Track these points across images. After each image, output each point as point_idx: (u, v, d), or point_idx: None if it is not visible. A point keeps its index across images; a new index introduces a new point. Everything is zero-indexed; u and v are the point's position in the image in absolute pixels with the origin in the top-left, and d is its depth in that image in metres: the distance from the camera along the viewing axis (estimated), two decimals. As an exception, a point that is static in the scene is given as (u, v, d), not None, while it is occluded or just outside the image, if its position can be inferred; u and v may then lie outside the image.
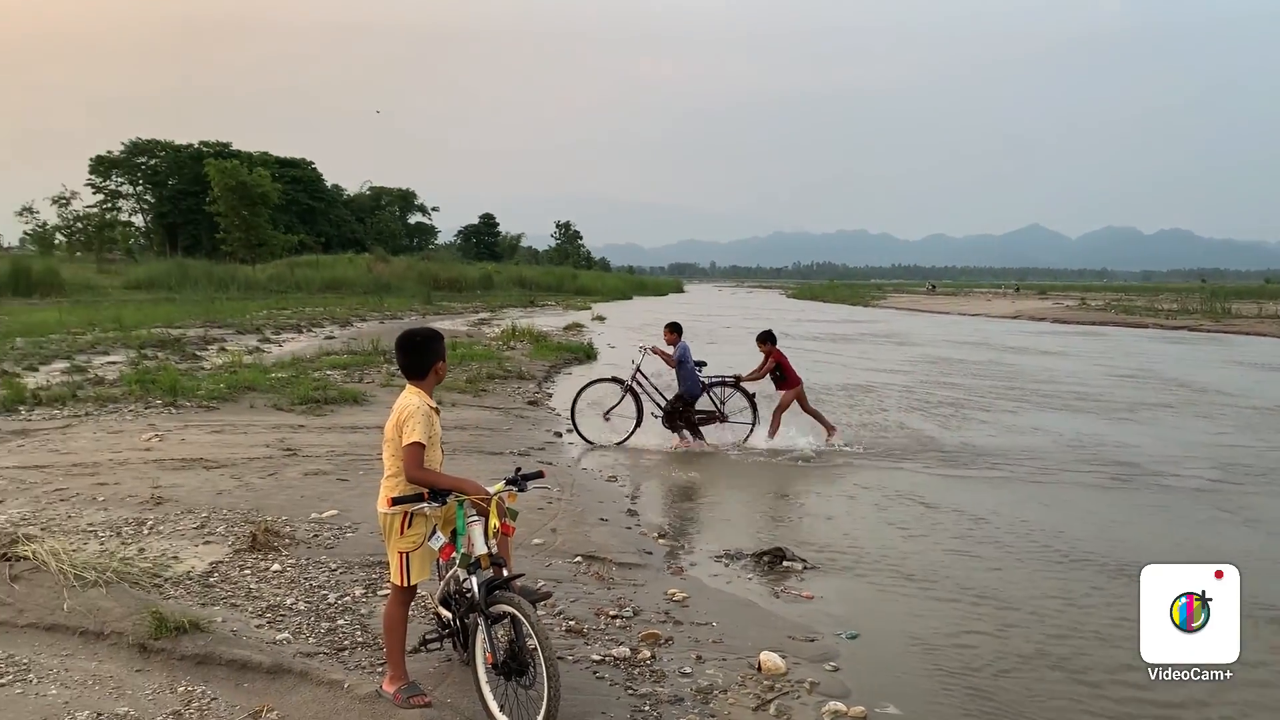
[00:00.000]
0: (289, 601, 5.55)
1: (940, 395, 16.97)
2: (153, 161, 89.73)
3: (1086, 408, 15.74)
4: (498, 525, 4.12)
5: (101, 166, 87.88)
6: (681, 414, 11.93)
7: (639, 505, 8.82)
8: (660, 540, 7.63)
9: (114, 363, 17.40)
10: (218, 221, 58.79)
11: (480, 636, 4.10)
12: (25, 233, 64.60)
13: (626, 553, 7.01)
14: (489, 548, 4.14)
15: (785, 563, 6.99)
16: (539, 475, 4.41)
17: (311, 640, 5.02)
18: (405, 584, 4.22)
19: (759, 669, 5.02)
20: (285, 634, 5.05)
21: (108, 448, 9.74)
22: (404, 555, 4.20)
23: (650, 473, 10.45)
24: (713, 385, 12.15)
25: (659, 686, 4.74)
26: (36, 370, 15.92)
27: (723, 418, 12.17)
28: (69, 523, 6.87)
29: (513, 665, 3.98)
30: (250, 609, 5.39)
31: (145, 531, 6.76)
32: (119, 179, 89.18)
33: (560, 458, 10.70)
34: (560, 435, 12.19)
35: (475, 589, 4.08)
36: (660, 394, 12.35)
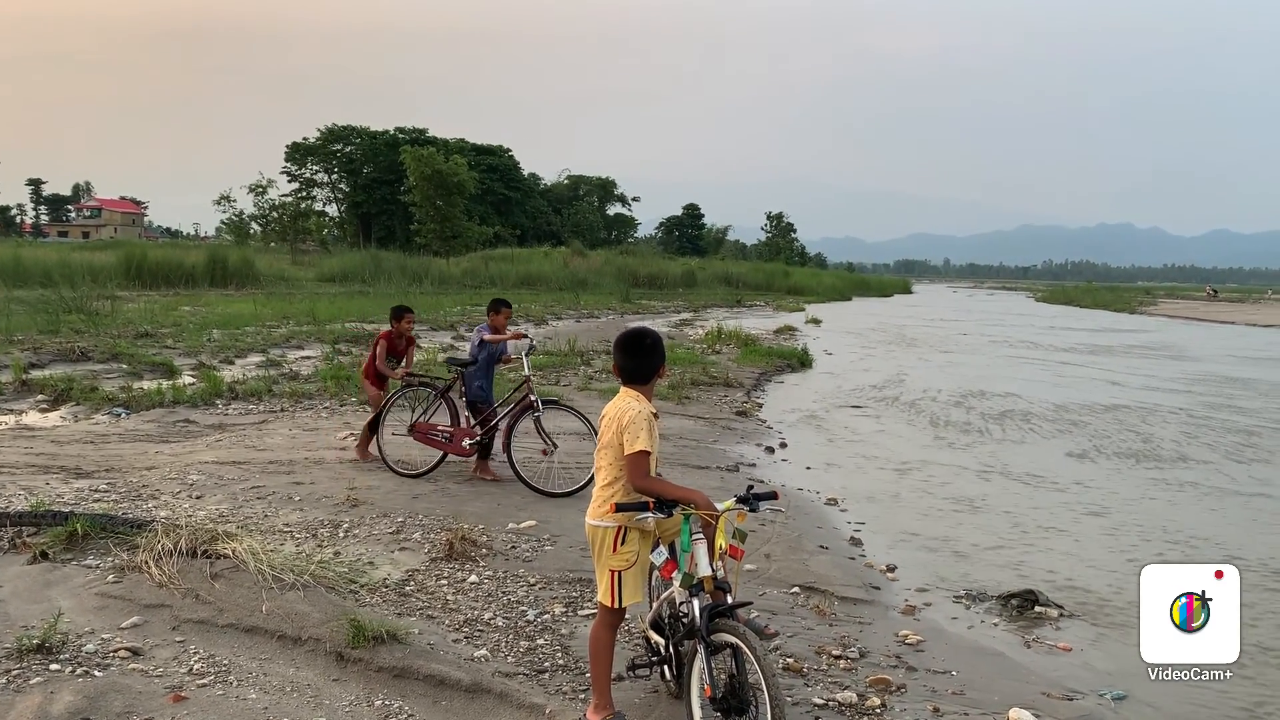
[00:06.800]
0: (487, 616, 5.77)
1: (1225, 420, 15.85)
2: (348, 149, 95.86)
3: None
4: (725, 546, 4.13)
5: (297, 153, 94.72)
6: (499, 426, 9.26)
7: (864, 533, 8.66)
8: (889, 574, 7.47)
9: (308, 357, 18.68)
10: (412, 212, 61.89)
11: (699, 667, 4.10)
12: (222, 222, 69.45)
13: (850, 586, 6.90)
14: (714, 570, 4.15)
15: (1038, 608, 6.71)
16: (773, 496, 4.41)
17: (510, 659, 5.19)
18: (615, 605, 4.29)
19: (1009, 729, 4.83)
20: (483, 650, 5.25)
21: (303, 445, 10.43)
22: (615, 574, 4.27)
23: (876, 497, 10.23)
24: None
25: (891, 740, 4.64)
26: (233, 363, 17.33)
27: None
28: (265, 522, 7.39)
29: (733, 702, 3.95)
30: (447, 622, 5.63)
31: (341, 535, 7.20)
32: (314, 166, 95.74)
33: (773, 475, 10.65)
34: (773, 450, 12.15)
35: (696, 613, 4.08)
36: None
